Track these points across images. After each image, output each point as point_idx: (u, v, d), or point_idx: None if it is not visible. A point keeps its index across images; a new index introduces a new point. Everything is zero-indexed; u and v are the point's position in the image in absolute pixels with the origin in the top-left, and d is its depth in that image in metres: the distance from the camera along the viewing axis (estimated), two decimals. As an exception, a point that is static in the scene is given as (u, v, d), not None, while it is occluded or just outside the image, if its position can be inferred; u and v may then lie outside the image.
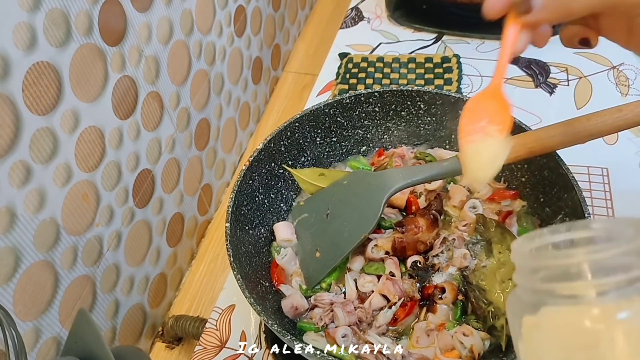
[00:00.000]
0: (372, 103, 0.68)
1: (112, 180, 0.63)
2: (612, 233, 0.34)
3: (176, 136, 0.77)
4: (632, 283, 0.31)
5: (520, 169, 0.64)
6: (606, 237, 0.34)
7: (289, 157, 0.67)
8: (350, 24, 1.03)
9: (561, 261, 0.33)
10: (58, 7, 0.51)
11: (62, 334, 0.58)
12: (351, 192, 0.60)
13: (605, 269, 0.32)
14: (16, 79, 0.48)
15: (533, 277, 0.35)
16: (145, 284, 0.74)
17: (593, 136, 0.53)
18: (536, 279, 0.34)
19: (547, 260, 0.34)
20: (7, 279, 0.50)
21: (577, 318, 0.32)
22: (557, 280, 0.33)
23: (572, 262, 0.32)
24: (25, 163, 0.50)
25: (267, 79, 1.10)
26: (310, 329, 0.57)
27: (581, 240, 0.34)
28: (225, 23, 0.87)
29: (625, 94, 0.83)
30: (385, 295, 0.56)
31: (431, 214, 0.60)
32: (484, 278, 0.56)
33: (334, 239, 0.59)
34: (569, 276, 0.32)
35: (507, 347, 0.51)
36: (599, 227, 0.35)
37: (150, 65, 0.68)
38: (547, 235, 0.36)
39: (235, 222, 0.57)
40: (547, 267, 0.34)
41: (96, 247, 0.62)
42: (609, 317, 0.31)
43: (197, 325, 0.72)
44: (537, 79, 0.87)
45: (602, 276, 0.32)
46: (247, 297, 0.51)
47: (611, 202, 0.71)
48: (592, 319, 0.31)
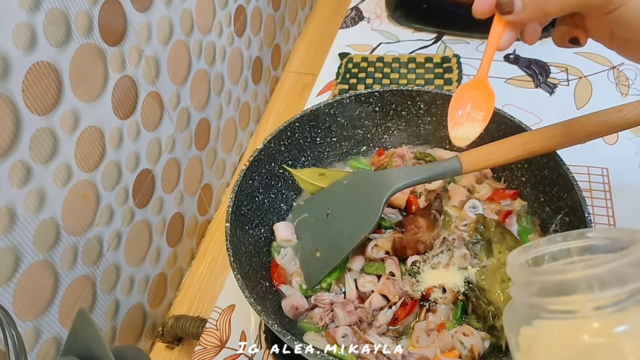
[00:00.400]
0: (372, 103, 0.68)
1: (112, 180, 0.63)
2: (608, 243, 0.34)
3: (176, 136, 0.77)
4: (628, 297, 0.31)
5: (520, 168, 0.64)
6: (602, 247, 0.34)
7: (289, 157, 0.67)
8: (350, 24, 1.03)
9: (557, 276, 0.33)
10: (58, 7, 0.51)
11: (62, 334, 0.58)
12: (351, 192, 0.60)
13: (601, 282, 0.31)
14: (16, 79, 0.48)
15: (528, 291, 0.34)
16: (145, 284, 0.74)
17: (593, 136, 0.53)
18: (531, 293, 0.34)
19: (542, 276, 0.34)
20: (7, 279, 0.50)
21: (574, 332, 0.32)
22: (553, 294, 0.33)
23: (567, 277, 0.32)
24: (25, 163, 0.50)
25: (267, 79, 1.10)
26: (310, 329, 0.57)
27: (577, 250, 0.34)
28: (225, 23, 0.87)
29: (625, 94, 0.83)
30: (386, 295, 0.56)
31: (431, 214, 0.60)
32: (484, 278, 0.56)
33: (334, 239, 0.59)
34: (565, 290, 0.32)
35: (507, 347, 0.51)
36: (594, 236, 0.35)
37: (150, 65, 0.68)
38: (543, 245, 0.36)
39: (235, 222, 0.57)
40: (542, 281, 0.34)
41: (96, 247, 0.62)
42: (606, 330, 0.31)
43: (197, 325, 0.72)
44: (537, 79, 0.87)
45: (599, 290, 0.31)
46: (247, 297, 0.51)
47: (611, 202, 0.71)
48: (590, 333, 0.31)
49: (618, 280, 0.31)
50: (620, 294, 0.31)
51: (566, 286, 0.32)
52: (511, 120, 0.61)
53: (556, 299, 0.32)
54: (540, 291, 0.34)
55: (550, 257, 0.35)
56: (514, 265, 0.36)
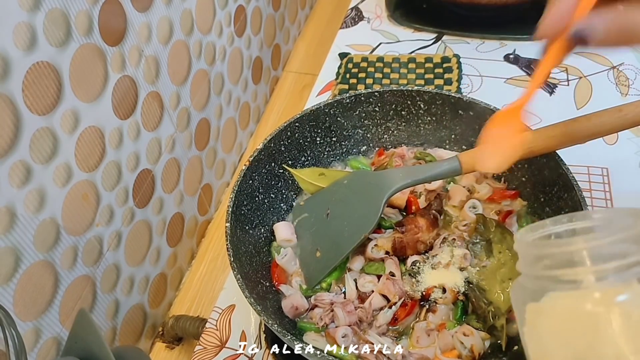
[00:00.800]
0: (372, 103, 0.68)
1: (112, 180, 0.63)
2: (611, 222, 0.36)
3: (176, 136, 0.77)
4: (629, 268, 0.33)
5: (520, 169, 0.64)
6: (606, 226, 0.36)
7: (289, 157, 0.67)
8: (350, 24, 1.03)
9: (562, 249, 0.34)
10: (58, 7, 0.51)
11: (62, 334, 0.58)
12: (351, 192, 0.60)
13: (604, 255, 0.33)
14: (16, 79, 0.48)
15: (536, 265, 0.36)
16: (145, 284, 0.74)
17: (593, 136, 0.53)
18: (539, 266, 0.36)
19: (549, 249, 0.36)
20: (7, 279, 0.50)
21: (578, 302, 0.33)
22: (559, 267, 0.34)
23: (572, 250, 0.34)
24: (25, 163, 0.50)
25: (267, 79, 1.10)
26: (310, 329, 0.57)
27: (582, 230, 0.36)
28: (225, 23, 0.87)
29: (625, 94, 0.83)
30: (386, 295, 0.56)
31: (431, 214, 0.60)
32: (484, 278, 0.56)
33: (334, 239, 0.59)
34: (570, 263, 0.34)
35: (507, 347, 0.51)
36: (599, 217, 0.36)
37: (150, 65, 0.68)
38: (549, 225, 0.37)
39: (235, 222, 0.57)
40: (549, 255, 0.35)
41: (96, 247, 0.62)
42: (608, 300, 0.32)
43: (197, 325, 0.72)
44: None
45: (601, 262, 0.33)
46: (247, 297, 0.51)
47: (611, 202, 0.71)
48: (592, 303, 0.33)
49: (619, 253, 0.33)
50: (621, 266, 0.33)
51: (570, 259, 0.34)
52: (511, 120, 0.61)
53: (562, 271, 0.34)
54: (546, 264, 0.35)
55: (556, 237, 0.37)
56: (522, 241, 0.38)
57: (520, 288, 0.38)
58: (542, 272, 0.35)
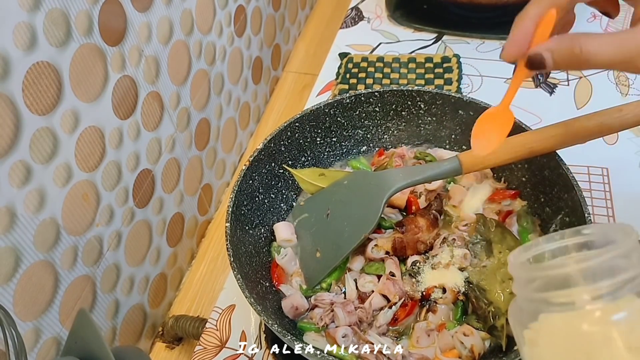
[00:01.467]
0: (372, 103, 0.68)
1: (112, 180, 0.63)
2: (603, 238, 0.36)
3: (176, 136, 0.77)
4: (623, 285, 0.33)
5: (520, 169, 0.64)
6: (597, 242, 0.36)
7: (289, 157, 0.67)
8: (350, 24, 1.03)
9: (554, 271, 0.35)
10: (58, 7, 0.51)
11: (62, 334, 0.58)
12: (351, 192, 0.60)
13: (597, 274, 0.33)
14: (16, 79, 0.48)
15: (529, 287, 0.36)
16: (145, 284, 0.74)
17: (593, 136, 0.53)
18: (531, 288, 0.36)
19: (541, 272, 0.36)
20: (7, 279, 0.50)
21: (574, 323, 0.33)
22: (552, 288, 0.34)
23: (564, 271, 0.34)
24: (25, 163, 0.50)
25: (267, 79, 1.10)
26: (310, 329, 0.57)
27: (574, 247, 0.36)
28: (225, 23, 0.87)
29: (625, 94, 0.83)
30: (386, 295, 0.56)
31: (431, 214, 0.60)
32: (484, 278, 0.56)
33: (334, 239, 0.59)
34: (563, 284, 0.34)
35: (507, 347, 0.51)
36: (590, 233, 0.36)
37: (150, 65, 0.68)
38: (542, 243, 0.37)
39: (235, 222, 0.57)
40: (541, 277, 0.35)
41: (96, 247, 0.62)
42: (604, 319, 0.32)
43: (197, 325, 0.72)
44: (537, 79, 0.87)
45: (594, 281, 0.33)
46: (247, 297, 0.51)
47: (611, 202, 0.71)
48: (588, 323, 0.33)
49: (609, 272, 0.33)
50: (612, 285, 0.33)
51: (564, 280, 0.34)
52: (511, 120, 0.61)
53: (555, 293, 0.34)
54: (540, 287, 0.35)
55: (550, 255, 0.37)
56: (515, 263, 0.38)
57: (517, 309, 0.38)
58: (535, 295, 0.35)
